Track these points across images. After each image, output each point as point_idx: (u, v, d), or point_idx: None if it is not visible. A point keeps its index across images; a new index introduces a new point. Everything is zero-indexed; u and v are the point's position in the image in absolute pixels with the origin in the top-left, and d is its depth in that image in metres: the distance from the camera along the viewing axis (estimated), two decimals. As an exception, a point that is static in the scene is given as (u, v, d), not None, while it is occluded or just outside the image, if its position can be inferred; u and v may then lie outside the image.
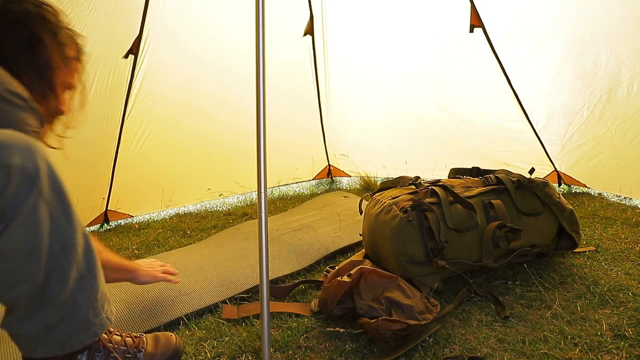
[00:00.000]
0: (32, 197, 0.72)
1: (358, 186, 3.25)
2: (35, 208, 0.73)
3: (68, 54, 1.00)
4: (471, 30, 2.36)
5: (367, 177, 3.19)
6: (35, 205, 0.73)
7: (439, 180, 1.59)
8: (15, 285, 0.76)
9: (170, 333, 1.14)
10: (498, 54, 2.44)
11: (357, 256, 1.65)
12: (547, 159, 2.66)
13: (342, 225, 2.11)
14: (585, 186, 2.64)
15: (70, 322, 0.86)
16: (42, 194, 0.74)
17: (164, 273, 1.36)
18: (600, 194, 2.58)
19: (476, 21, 2.36)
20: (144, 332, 1.20)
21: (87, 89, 1.04)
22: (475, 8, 2.34)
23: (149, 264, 1.36)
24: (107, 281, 1.19)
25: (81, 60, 1.04)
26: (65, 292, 0.83)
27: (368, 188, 3.08)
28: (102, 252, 1.18)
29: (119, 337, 1.03)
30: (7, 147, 0.68)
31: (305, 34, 2.84)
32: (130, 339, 1.04)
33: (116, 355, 0.98)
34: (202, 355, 1.13)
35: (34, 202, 0.72)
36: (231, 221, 2.43)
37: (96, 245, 1.13)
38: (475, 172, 1.74)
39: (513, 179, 1.55)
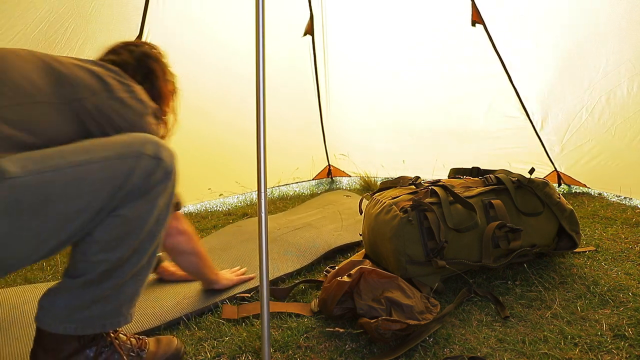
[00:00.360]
0: (162, 187, 0.92)
1: (358, 186, 3.25)
2: (158, 196, 0.92)
3: (170, 88, 1.27)
4: (473, 25, 2.36)
5: (367, 177, 3.19)
6: (161, 194, 0.92)
7: (439, 180, 1.59)
8: (111, 250, 0.88)
9: (172, 336, 1.15)
10: (499, 52, 2.44)
11: (357, 256, 1.65)
12: (547, 159, 2.67)
13: (343, 224, 2.11)
14: (585, 186, 2.64)
15: (108, 303, 0.92)
16: (167, 189, 0.93)
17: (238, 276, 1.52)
18: (600, 194, 2.58)
19: (477, 18, 2.36)
20: (145, 332, 1.21)
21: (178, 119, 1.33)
22: (476, 5, 2.34)
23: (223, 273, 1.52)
24: (197, 274, 1.42)
25: (176, 96, 1.30)
26: (128, 275, 0.92)
27: (368, 188, 3.08)
28: (199, 244, 1.37)
29: (125, 337, 1.05)
30: (162, 147, 0.93)
31: (305, 34, 2.84)
32: (134, 339, 1.06)
33: (121, 352, 1.00)
34: (202, 355, 1.13)
35: (161, 191, 0.92)
36: (231, 221, 2.42)
37: (196, 237, 1.36)
38: (475, 172, 1.74)
39: (513, 179, 1.55)
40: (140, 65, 1.17)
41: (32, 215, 0.76)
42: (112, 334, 1.01)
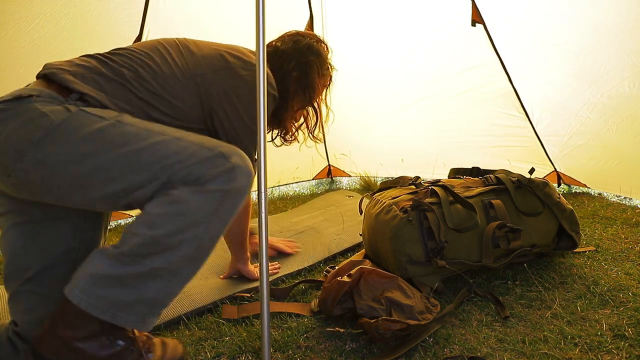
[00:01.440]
0: (219, 189, 0.90)
1: (358, 186, 3.25)
2: (216, 199, 0.90)
3: (324, 82, 1.42)
4: (473, 25, 2.36)
5: (367, 177, 3.19)
6: (219, 198, 0.91)
7: (439, 180, 1.59)
8: (150, 227, 0.88)
9: (177, 341, 1.10)
10: (499, 53, 2.44)
11: (357, 256, 1.65)
12: (547, 159, 2.66)
13: (345, 226, 2.11)
14: (585, 186, 2.64)
15: (125, 293, 0.88)
16: (226, 198, 0.91)
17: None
18: (600, 194, 2.58)
19: (477, 17, 2.36)
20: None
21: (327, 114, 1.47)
22: (476, 5, 2.34)
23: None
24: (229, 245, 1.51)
25: (329, 89, 1.46)
26: (154, 271, 0.89)
27: (368, 188, 3.08)
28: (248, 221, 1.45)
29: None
30: (244, 159, 0.95)
31: (305, 34, 2.83)
32: (144, 337, 1.01)
33: (141, 350, 0.96)
34: (202, 355, 1.13)
35: (220, 196, 0.90)
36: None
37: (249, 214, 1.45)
38: (475, 172, 1.74)
39: (513, 179, 1.55)
40: (298, 55, 1.34)
41: (123, 152, 0.90)
42: (135, 332, 0.96)
